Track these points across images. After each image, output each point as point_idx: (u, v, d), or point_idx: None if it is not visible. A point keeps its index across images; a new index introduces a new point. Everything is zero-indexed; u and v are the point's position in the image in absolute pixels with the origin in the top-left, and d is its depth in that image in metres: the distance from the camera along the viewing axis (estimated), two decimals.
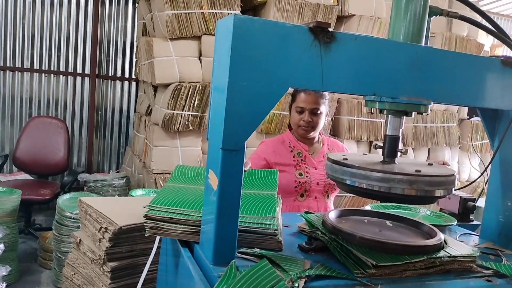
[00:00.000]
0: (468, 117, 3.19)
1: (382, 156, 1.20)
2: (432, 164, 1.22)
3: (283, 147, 2.12)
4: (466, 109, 4.41)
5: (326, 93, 2.09)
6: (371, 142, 4.17)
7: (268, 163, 2.08)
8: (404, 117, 1.16)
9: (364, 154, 1.34)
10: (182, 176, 1.50)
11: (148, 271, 1.34)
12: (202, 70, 3.55)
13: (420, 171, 1.05)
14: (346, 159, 1.14)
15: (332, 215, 1.27)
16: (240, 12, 3.61)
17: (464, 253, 1.13)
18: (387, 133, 1.18)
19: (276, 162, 2.07)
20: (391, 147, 1.17)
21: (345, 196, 3.87)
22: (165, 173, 3.54)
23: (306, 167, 2.08)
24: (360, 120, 4.01)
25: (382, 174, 1.04)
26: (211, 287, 0.91)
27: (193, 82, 3.50)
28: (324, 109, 2.08)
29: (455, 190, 1.32)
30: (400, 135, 1.17)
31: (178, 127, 3.46)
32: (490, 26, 1.27)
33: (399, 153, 1.19)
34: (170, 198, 1.21)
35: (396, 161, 1.18)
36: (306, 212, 1.39)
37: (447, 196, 1.14)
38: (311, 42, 0.97)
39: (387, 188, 1.05)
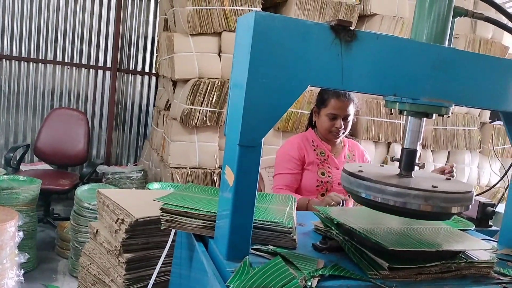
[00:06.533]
0: (490, 120, 3.12)
1: (399, 169, 1.17)
2: (450, 179, 1.19)
3: (307, 145, 2.14)
4: (487, 112, 4.31)
5: (353, 95, 2.08)
6: (389, 144, 4.13)
7: (299, 161, 2.09)
8: (425, 118, 1.14)
9: (381, 165, 1.31)
10: (191, 189, 1.42)
11: (162, 263, 1.35)
12: (221, 66, 3.55)
13: (436, 187, 1.03)
14: (362, 171, 1.12)
15: None
16: (261, 9, 3.60)
17: (481, 258, 1.11)
18: (404, 146, 1.15)
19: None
20: (408, 161, 1.14)
21: None
22: (182, 168, 3.57)
23: (328, 167, 2.10)
24: (379, 120, 3.97)
25: (397, 189, 1.02)
26: (224, 282, 0.91)
27: (212, 78, 3.51)
28: (353, 112, 2.09)
29: (475, 195, 1.29)
30: (418, 147, 1.14)
31: (196, 123, 3.48)
32: None
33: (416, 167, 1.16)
34: (183, 198, 1.22)
35: (413, 175, 1.15)
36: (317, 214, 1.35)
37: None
38: (332, 40, 0.97)
39: (402, 203, 1.02)
